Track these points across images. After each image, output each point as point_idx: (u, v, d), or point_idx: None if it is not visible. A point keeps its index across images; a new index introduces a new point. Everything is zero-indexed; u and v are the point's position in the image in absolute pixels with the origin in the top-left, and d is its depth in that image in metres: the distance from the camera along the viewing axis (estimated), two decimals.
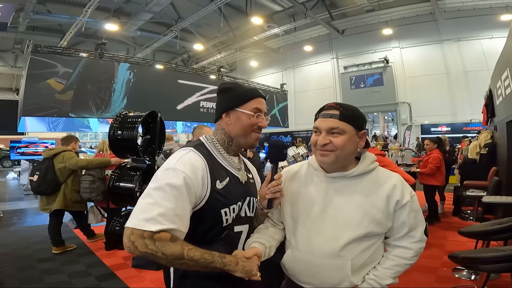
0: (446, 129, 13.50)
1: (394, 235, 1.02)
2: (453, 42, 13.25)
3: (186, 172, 0.88)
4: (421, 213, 1.03)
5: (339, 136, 0.97)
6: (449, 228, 4.27)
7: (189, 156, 0.94)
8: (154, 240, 0.80)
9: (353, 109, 1.01)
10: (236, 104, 1.02)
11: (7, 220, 5.41)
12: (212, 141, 1.05)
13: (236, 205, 1.00)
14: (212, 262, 0.85)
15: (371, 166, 1.03)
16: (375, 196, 0.98)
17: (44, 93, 9.73)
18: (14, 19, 10.33)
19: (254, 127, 1.03)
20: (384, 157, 4.05)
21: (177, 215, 0.84)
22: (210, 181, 0.93)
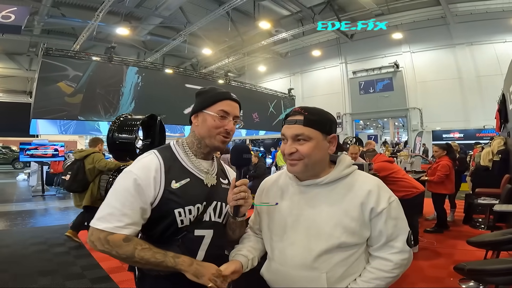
0: (459, 136, 13.15)
1: (373, 244, 0.94)
2: (466, 46, 12.93)
3: (137, 174, 0.92)
4: (402, 221, 0.94)
5: (305, 144, 0.92)
6: (458, 237, 4.09)
7: (146, 159, 0.98)
8: (108, 240, 0.87)
9: (319, 112, 0.96)
10: (203, 106, 1.03)
11: (11, 221, 5.47)
12: (182, 144, 1.07)
13: (194, 207, 0.97)
14: (163, 261, 0.88)
15: (346, 171, 0.97)
16: (348, 204, 0.92)
17: (54, 96, 9.94)
18: (29, 22, 10.60)
19: (219, 129, 1.02)
20: (392, 163, 3.93)
21: (125, 214, 0.89)
22: (164, 180, 0.95)
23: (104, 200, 0.93)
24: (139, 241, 0.90)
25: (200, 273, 0.88)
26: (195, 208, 0.97)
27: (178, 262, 0.89)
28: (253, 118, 15.76)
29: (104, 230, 0.87)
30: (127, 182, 0.91)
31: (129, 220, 0.89)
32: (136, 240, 0.89)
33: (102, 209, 0.91)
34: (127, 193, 0.90)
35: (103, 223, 0.88)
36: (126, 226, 0.88)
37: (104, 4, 10.06)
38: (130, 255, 0.87)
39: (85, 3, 11.91)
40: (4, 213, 6.03)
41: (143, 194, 0.91)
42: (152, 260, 0.87)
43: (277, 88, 17.82)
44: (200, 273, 0.88)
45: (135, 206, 0.90)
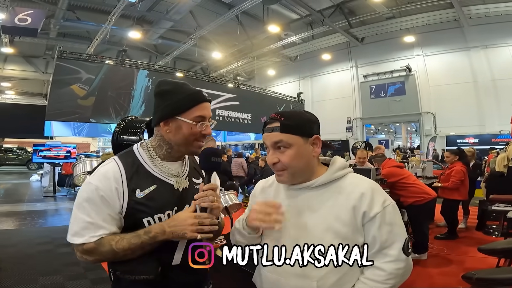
0: (474, 141, 12.80)
1: (368, 251, 0.86)
2: (480, 49, 12.59)
3: (98, 185, 0.88)
4: (399, 227, 0.87)
5: (285, 151, 0.88)
6: (471, 244, 3.94)
7: (105, 168, 0.92)
8: (86, 250, 0.86)
9: (296, 115, 0.91)
10: (176, 112, 0.93)
11: (21, 221, 5.56)
12: (147, 148, 0.98)
13: (164, 214, 0.93)
14: (141, 242, 0.86)
15: (338, 173, 0.92)
16: (339, 208, 0.87)
17: (67, 98, 10.17)
18: (45, 25, 10.94)
19: (197, 135, 0.96)
20: (402, 169, 3.82)
21: (98, 225, 0.86)
22: (127, 190, 0.89)
23: (72, 215, 0.89)
24: (108, 237, 0.87)
25: (179, 232, 0.87)
26: (165, 215, 0.93)
27: (153, 236, 0.87)
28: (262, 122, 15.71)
29: (82, 244, 0.86)
30: (89, 195, 0.87)
31: (103, 230, 0.87)
32: (105, 238, 0.86)
33: (73, 224, 0.88)
34: (92, 205, 0.87)
35: (79, 238, 0.86)
36: (101, 235, 0.86)
37: (117, 8, 10.31)
38: (112, 252, 0.85)
39: (99, 7, 12.23)
40: (15, 213, 6.16)
41: (109, 205, 0.87)
42: (132, 247, 0.86)
43: (286, 92, 17.77)
44: (179, 232, 0.87)
45: (106, 215, 0.87)
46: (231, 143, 21.69)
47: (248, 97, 15.26)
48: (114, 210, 0.88)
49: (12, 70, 17.17)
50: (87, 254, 0.87)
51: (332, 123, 15.19)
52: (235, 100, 14.69)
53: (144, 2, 11.67)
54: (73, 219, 0.88)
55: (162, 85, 0.97)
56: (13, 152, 18.01)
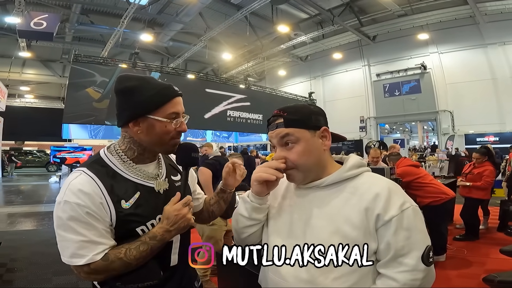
0: (494, 139, 12.42)
1: (381, 259, 0.78)
2: (498, 46, 12.20)
3: (79, 202, 0.78)
4: (419, 233, 0.77)
5: (293, 148, 0.82)
6: (492, 245, 3.78)
7: (77, 181, 0.81)
8: (93, 269, 0.79)
9: (299, 109, 0.85)
10: (147, 110, 0.85)
11: (39, 221, 5.70)
12: (116, 152, 0.90)
13: (156, 219, 0.88)
14: (151, 248, 0.83)
15: (351, 172, 0.84)
16: (350, 210, 0.78)
17: (83, 101, 10.42)
18: (60, 29, 11.29)
19: (172, 134, 0.88)
20: (418, 168, 3.70)
21: (93, 241, 0.79)
22: (112, 203, 0.82)
23: (58, 237, 0.80)
24: (113, 251, 0.81)
25: (182, 225, 0.86)
26: (157, 220, 0.88)
27: (160, 239, 0.84)
28: None
29: (86, 264, 0.78)
30: (70, 213, 0.78)
31: (103, 246, 0.80)
32: (111, 253, 0.80)
33: (66, 247, 0.79)
34: (80, 223, 0.78)
35: (80, 259, 0.78)
36: (104, 250, 0.80)
37: (128, 11, 10.51)
38: (124, 265, 0.81)
39: (111, 10, 12.50)
40: (33, 214, 6.32)
41: (98, 221, 0.80)
42: (144, 254, 0.82)
43: (297, 92, 17.67)
44: (182, 225, 0.86)
45: (98, 231, 0.80)
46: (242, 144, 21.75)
47: (259, 98, 15.24)
48: (105, 224, 0.81)
49: (31, 74, 17.78)
50: (95, 274, 0.80)
51: (345, 122, 15.01)
52: (246, 101, 14.70)
53: (155, 5, 11.84)
54: (62, 242, 0.79)
55: (125, 81, 0.87)
56: (33, 154, 18.62)
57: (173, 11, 12.70)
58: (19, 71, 17.07)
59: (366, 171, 0.87)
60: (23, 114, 17.73)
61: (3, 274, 3.06)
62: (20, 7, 8.58)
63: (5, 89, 13.09)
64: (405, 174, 3.40)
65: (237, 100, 14.40)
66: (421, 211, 0.81)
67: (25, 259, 3.53)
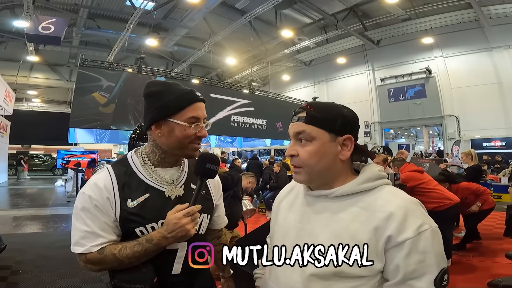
0: (500, 144, 12.30)
1: (389, 280, 0.73)
2: (503, 49, 12.15)
3: (91, 194, 0.87)
4: (435, 256, 0.70)
5: (306, 145, 0.78)
6: (499, 250, 3.75)
7: (97, 177, 0.90)
8: (89, 259, 0.86)
9: (327, 107, 0.80)
10: (168, 113, 0.89)
11: (44, 224, 5.75)
12: (141, 154, 0.95)
13: (157, 224, 0.89)
14: (145, 250, 0.85)
15: (366, 185, 0.77)
16: (358, 226, 0.73)
17: (89, 106, 10.52)
18: (67, 33, 11.44)
19: (191, 138, 0.91)
20: (422, 173, 3.67)
21: (95, 233, 0.86)
22: (119, 200, 0.88)
23: (72, 225, 0.89)
24: (110, 247, 0.86)
25: (180, 235, 0.85)
26: (158, 224, 0.89)
27: (156, 243, 0.85)
28: (277, 128, 15.68)
29: (83, 253, 0.86)
30: (84, 204, 0.87)
31: (102, 239, 0.86)
32: (107, 248, 0.86)
33: (73, 235, 0.87)
34: (88, 214, 0.86)
35: (80, 248, 0.86)
36: (101, 244, 0.86)
37: (134, 16, 10.65)
38: (117, 261, 0.85)
39: (117, 15, 12.72)
40: (39, 217, 6.36)
41: (103, 214, 0.86)
42: (137, 255, 0.85)
43: (301, 97, 17.68)
44: (180, 235, 0.85)
45: (103, 223, 0.86)
46: (246, 149, 21.74)
47: (263, 103, 15.27)
48: (109, 218, 0.87)
49: (38, 79, 18.01)
50: (91, 264, 0.87)
51: None
52: (250, 106, 14.73)
53: (160, 10, 12.00)
54: (72, 229, 0.88)
55: (151, 86, 0.92)
56: (39, 158, 18.83)
57: (178, 16, 12.85)
58: (27, 75, 17.30)
59: (384, 184, 0.80)
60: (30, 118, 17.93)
61: (8, 276, 3.08)
62: (28, 11, 8.72)
63: (13, 93, 13.28)
64: (409, 179, 3.37)
65: (241, 105, 14.43)
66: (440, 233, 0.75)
67: (30, 261, 3.54)
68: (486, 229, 4.86)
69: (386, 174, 0.82)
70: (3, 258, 3.21)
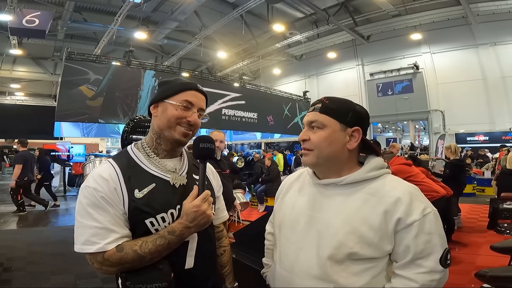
0: (484, 138, 12.68)
1: (398, 261, 0.80)
2: (489, 46, 12.42)
3: (96, 187, 0.84)
4: (439, 237, 0.79)
5: (317, 132, 0.85)
6: (482, 243, 3.91)
7: (99, 169, 0.89)
8: (106, 259, 0.81)
9: (342, 101, 0.88)
10: (165, 95, 0.94)
11: (32, 220, 5.65)
12: (142, 145, 0.96)
13: (167, 214, 0.88)
14: (168, 243, 0.83)
15: (372, 173, 0.85)
16: (368, 211, 0.80)
17: (76, 99, 10.25)
18: (52, 27, 11.04)
19: (181, 120, 0.92)
20: (410, 166, 3.77)
21: (107, 228, 0.82)
22: (126, 191, 0.86)
23: (76, 224, 0.84)
24: (129, 243, 0.83)
25: (202, 222, 0.87)
26: (168, 214, 0.87)
27: (179, 234, 0.85)
28: (268, 121, 15.72)
29: (98, 252, 0.80)
30: (90, 198, 0.83)
31: (115, 234, 0.82)
32: (126, 245, 0.82)
33: (81, 234, 0.82)
34: (96, 208, 0.82)
35: (92, 246, 0.80)
36: (116, 240, 0.82)
37: (122, 9, 10.40)
38: (138, 258, 0.81)
39: (104, 8, 12.35)
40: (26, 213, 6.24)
41: (111, 206, 0.83)
42: (159, 249, 0.82)
43: (292, 91, 17.72)
44: (202, 222, 0.87)
45: (112, 217, 0.83)
46: (237, 142, 21.72)
47: (254, 96, 15.24)
48: (118, 211, 0.84)
49: (21, 72, 17.42)
50: (109, 264, 0.81)
51: None
52: (241, 99, 14.68)
53: (149, 3, 11.74)
54: (79, 229, 0.82)
55: (166, 79, 1.01)
56: None
57: (168, 9, 12.60)
58: (10, 68, 16.72)
59: (387, 173, 0.88)
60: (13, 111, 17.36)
61: (0, 273, 3.04)
62: (12, 5, 8.42)
63: None
64: (398, 172, 3.45)
65: (232, 99, 14.36)
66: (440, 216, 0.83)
67: (22, 258, 3.51)
68: (470, 222, 5.07)
69: (387, 164, 0.90)
70: None
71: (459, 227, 4.68)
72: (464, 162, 5.76)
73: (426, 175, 3.76)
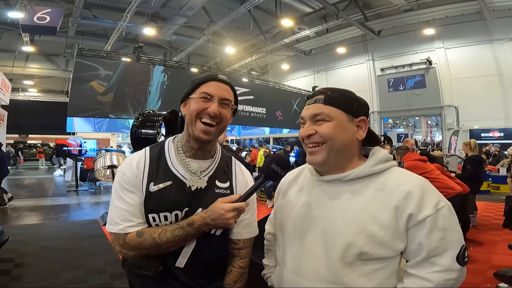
0: (499, 135, 12.41)
1: (410, 259, 0.75)
2: (505, 42, 12.08)
3: (125, 172, 0.89)
4: (454, 233, 0.73)
5: (323, 124, 0.78)
6: (498, 241, 3.81)
7: (133, 155, 0.94)
8: (127, 243, 0.85)
9: (344, 91, 0.83)
10: (189, 92, 0.95)
11: (45, 215, 5.74)
12: (177, 140, 0.98)
13: (171, 214, 0.88)
14: (186, 234, 0.85)
15: (379, 166, 0.79)
16: (377, 207, 0.74)
17: (87, 94, 10.42)
18: (63, 24, 11.22)
19: (201, 113, 0.90)
20: (425, 163, 3.67)
21: (130, 212, 0.86)
22: (146, 181, 0.89)
23: (110, 206, 0.91)
24: (149, 230, 0.86)
25: (221, 225, 0.86)
26: (171, 215, 0.88)
27: (198, 227, 0.85)
28: (276, 116, 15.67)
29: (119, 233, 0.85)
30: (120, 181, 0.89)
31: (137, 219, 0.86)
32: (146, 231, 0.86)
33: (110, 212, 0.89)
34: (125, 191, 0.87)
35: (114, 226, 0.86)
36: (138, 224, 0.86)
37: (131, 5, 10.45)
38: (156, 245, 0.84)
39: (114, 4, 12.47)
40: (39, 207, 6.35)
41: (135, 190, 0.88)
42: (177, 239, 0.85)
43: (301, 86, 17.58)
44: (221, 225, 0.86)
45: (136, 202, 0.87)
46: (245, 137, 21.74)
47: (263, 91, 15.19)
48: (140, 198, 0.88)
49: (34, 69, 17.79)
50: (128, 248, 0.85)
51: None
52: (250, 94, 14.66)
53: None
54: (110, 208, 0.89)
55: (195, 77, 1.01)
56: (37, 148, 18.72)
57: (176, 5, 12.60)
58: (23, 65, 17.10)
59: (394, 165, 0.82)
60: (26, 107, 17.80)
61: (11, 269, 3.09)
62: (23, 2, 8.54)
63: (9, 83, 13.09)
64: (412, 168, 3.36)
65: (241, 94, 14.34)
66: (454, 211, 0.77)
67: (33, 254, 3.55)
68: (485, 220, 4.93)
69: (392, 156, 0.86)
70: (5, 250, 3.21)
71: (473, 226, 4.56)
72: (483, 159, 5.58)
73: (441, 172, 3.66)
